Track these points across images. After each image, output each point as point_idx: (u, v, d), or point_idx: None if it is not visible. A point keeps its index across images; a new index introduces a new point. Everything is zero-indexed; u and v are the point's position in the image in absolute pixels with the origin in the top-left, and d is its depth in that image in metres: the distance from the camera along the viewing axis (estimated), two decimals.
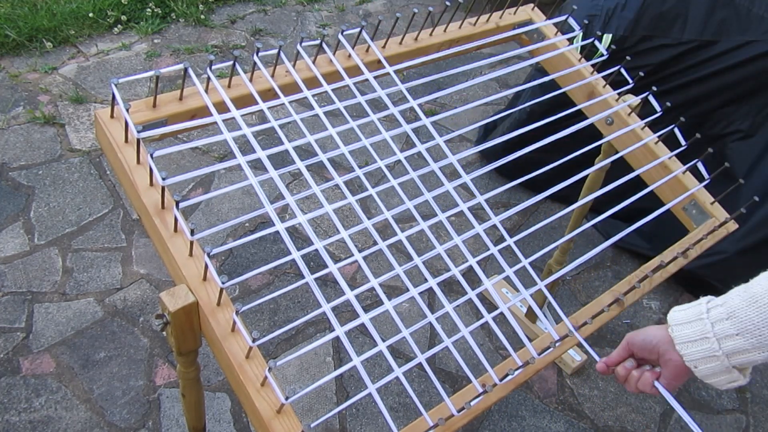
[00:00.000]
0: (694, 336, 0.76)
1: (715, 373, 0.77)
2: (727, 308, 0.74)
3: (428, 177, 0.96)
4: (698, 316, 0.76)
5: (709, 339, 0.75)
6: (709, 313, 0.75)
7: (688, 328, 0.77)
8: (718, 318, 0.75)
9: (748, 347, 0.72)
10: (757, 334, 0.71)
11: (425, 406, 0.81)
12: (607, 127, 1.26)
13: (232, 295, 1.86)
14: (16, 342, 1.66)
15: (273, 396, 0.75)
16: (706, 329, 0.75)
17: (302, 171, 0.90)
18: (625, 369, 0.86)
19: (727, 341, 0.74)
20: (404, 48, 1.14)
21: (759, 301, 0.71)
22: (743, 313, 0.72)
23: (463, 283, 0.93)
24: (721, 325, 0.74)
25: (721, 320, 0.74)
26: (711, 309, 0.76)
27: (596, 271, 2.10)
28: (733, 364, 0.75)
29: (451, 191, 1.00)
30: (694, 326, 0.76)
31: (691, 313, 0.77)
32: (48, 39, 2.61)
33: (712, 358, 0.75)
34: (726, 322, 0.74)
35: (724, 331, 0.74)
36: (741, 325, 0.73)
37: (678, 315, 0.79)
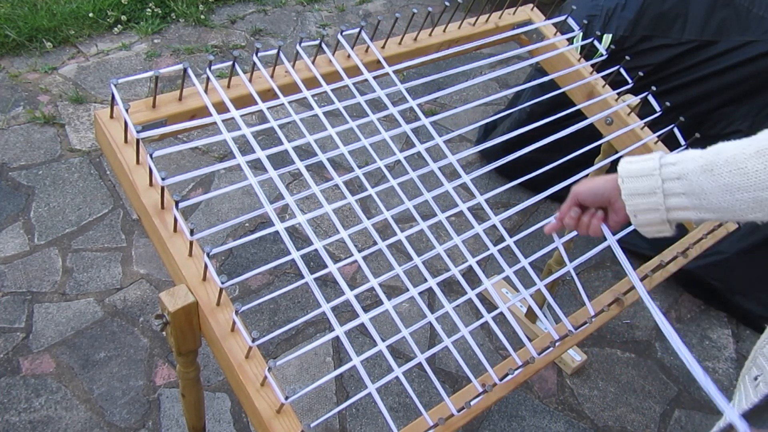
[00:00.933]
0: (643, 190, 0.80)
1: (651, 224, 0.82)
2: (680, 169, 0.77)
3: (428, 177, 0.96)
4: (650, 172, 0.80)
5: (656, 194, 0.79)
6: (662, 170, 0.78)
7: (638, 182, 0.80)
8: (669, 177, 0.78)
9: (689, 206, 0.77)
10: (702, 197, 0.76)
11: (425, 406, 0.81)
12: (607, 126, 1.26)
13: (232, 295, 1.86)
14: (16, 342, 1.66)
15: (273, 396, 0.75)
16: (657, 185, 0.79)
17: (302, 171, 0.90)
18: (572, 218, 0.90)
19: (672, 198, 0.78)
20: (404, 48, 1.14)
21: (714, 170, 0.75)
22: (694, 177, 0.76)
23: (462, 283, 0.93)
24: (671, 183, 0.78)
25: (672, 179, 0.78)
26: (664, 166, 0.79)
27: (596, 271, 2.10)
28: (669, 218, 0.80)
29: (451, 191, 1.00)
30: (645, 181, 0.80)
31: (644, 167, 0.80)
32: (48, 39, 2.61)
33: (654, 211, 0.80)
34: (676, 182, 0.77)
35: (672, 189, 0.78)
36: (689, 188, 0.77)
37: (629, 167, 0.82)
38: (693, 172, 0.76)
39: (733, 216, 0.76)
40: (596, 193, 0.87)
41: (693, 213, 0.77)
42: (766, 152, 0.72)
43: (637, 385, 1.81)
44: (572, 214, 0.90)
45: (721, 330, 1.99)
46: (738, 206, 0.74)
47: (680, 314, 2.02)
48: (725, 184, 0.74)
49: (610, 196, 0.86)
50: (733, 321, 2.01)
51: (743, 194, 0.73)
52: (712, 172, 0.75)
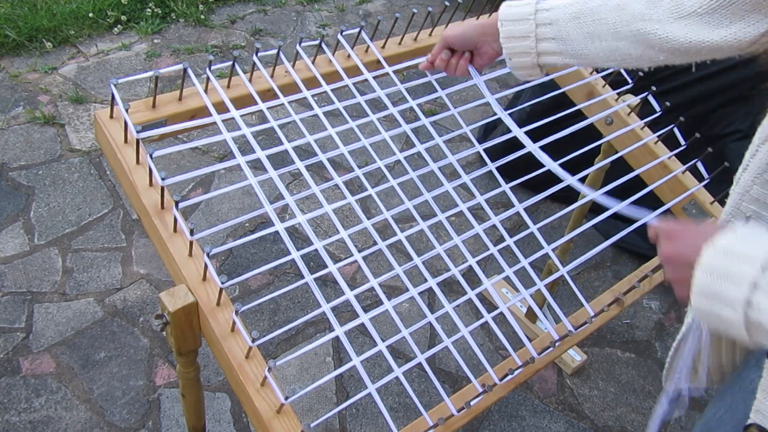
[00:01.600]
0: (518, 33, 0.87)
1: (523, 66, 0.90)
2: (552, 15, 0.85)
3: (428, 177, 0.96)
4: (526, 16, 0.87)
5: (530, 38, 0.86)
6: (536, 16, 0.86)
7: (515, 25, 0.88)
8: (542, 22, 0.85)
9: (557, 51, 0.85)
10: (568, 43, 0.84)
11: (425, 406, 0.81)
12: (607, 126, 1.26)
13: (232, 295, 1.86)
14: (16, 342, 1.66)
15: (273, 396, 0.75)
16: (530, 30, 0.86)
17: (302, 171, 0.90)
18: (442, 60, 1.00)
19: (543, 43, 0.86)
20: (404, 48, 1.14)
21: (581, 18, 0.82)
22: (563, 24, 0.84)
23: (462, 283, 0.93)
24: (543, 28, 0.85)
25: (545, 24, 0.85)
26: (539, 12, 0.86)
27: (596, 271, 2.10)
28: (540, 63, 0.88)
29: (451, 191, 1.00)
30: (521, 25, 0.87)
31: (522, 12, 0.87)
32: (48, 39, 2.61)
33: (526, 54, 0.88)
34: (548, 27, 0.85)
35: (544, 34, 0.85)
36: (558, 33, 0.84)
37: (508, 11, 0.89)
38: (563, 19, 0.84)
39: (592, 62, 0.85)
40: (464, 38, 0.96)
41: (559, 58, 0.86)
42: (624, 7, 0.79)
43: (637, 385, 1.81)
44: (443, 56, 1.00)
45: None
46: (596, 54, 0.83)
47: (680, 314, 2.02)
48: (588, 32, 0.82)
49: (477, 41, 0.95)
50: None
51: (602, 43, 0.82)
52: (578, 20, 0.83)
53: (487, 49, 0.95)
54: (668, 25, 0.76)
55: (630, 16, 0.78)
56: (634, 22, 0.78)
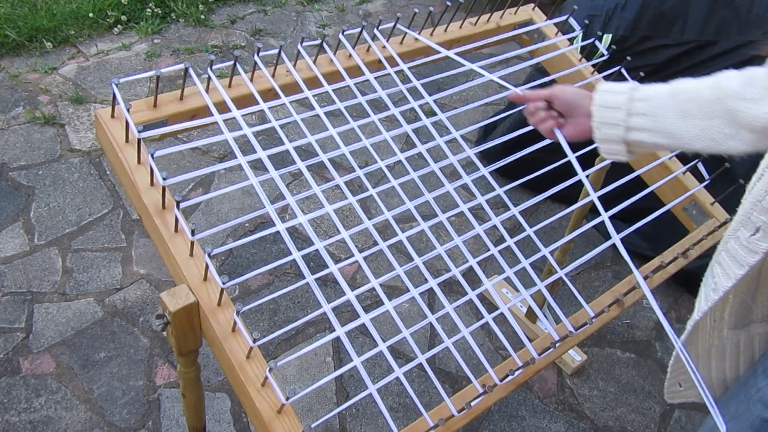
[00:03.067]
0: (612, 104, 0.86)
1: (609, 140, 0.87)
2: (650, 92, 0.84)
3: (429, 177, 0.96)
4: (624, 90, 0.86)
5: (622, 110, 0.84)
6: (634, 92, 0.85)
7: (611, 96, 0.86)
8: (638, 98, 0.84)
9: (647, 127, 0.83)
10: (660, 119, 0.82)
11: (425, 407, 0.81)
12: None
13: (233, 295, 1.86)
14: (16, 342, 1.66)
15: (273, 396, 0.75)
16: (624, 101, 0.84)
17: (303, 171, 0.90)
18: (536, 107, 0.97)
19: (635, 117, 0.84)
20: (405, 48, 1.14)
21: (677, 96, 0.81)
22: (659, 101, 0.82)
23: (463, 284, 0.93)
24: (639, 104, 0.84)
25: (641, 100, 0.83)
26: (637, 89, 0.85)
27: (596, 271, 2.10)
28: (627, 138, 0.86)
29: (452, 192, 1.00)
30: (616, 96, 0.86)
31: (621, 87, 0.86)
32: (48, 39, 2.61)
33: (616, 126, 0.86)
34: (643, 103, 0.83)
35: (638, 108, 0.84)
36: (651, 109, 0.83)
37: (608, 85, 0.88)
38: (659, 95, 0.82)
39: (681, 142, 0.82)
40: (570, 100, 0.93)
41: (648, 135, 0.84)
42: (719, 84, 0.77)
43: (637, 385, 1.81)
44: (539, 104, 0.96)
45: None
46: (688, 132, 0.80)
47: (680, 314, 2.02)
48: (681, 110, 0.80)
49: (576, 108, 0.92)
50: None
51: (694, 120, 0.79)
52: (674, 98, 0.81)
53: (582, 120, 0.91)
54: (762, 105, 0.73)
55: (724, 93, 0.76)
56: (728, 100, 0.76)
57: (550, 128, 0.95)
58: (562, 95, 0.93)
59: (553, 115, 0.95)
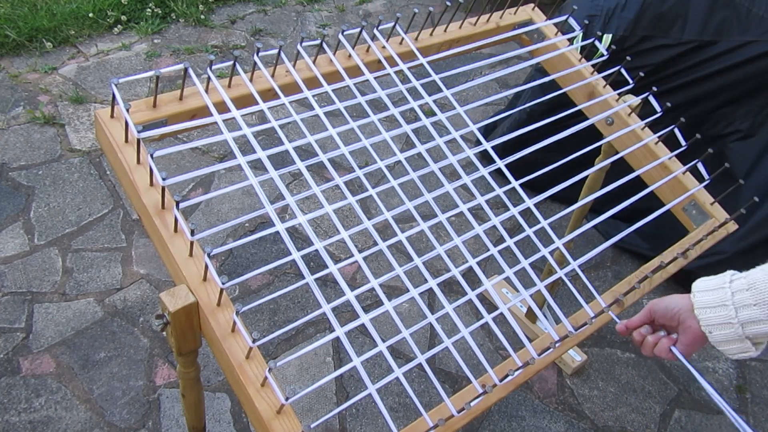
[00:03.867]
0: (713, 303, 0.81)
1: (728, 340, 0.80)
2: (749, 280, 0.78)
3: (428, 177, 0.96)
4: (720, 285, 0.81)
5: (727, 306, 0.79)
6: (732, 284, 0.79)
7: (709, 295, 0.81)
8: (738, 288, 0.79)
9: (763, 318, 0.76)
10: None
11: (425, 407, 0.81)
12: (608, 127, 1.26)
13: (232, 295, 1.86)
14: (16, 342, 1.66)
15: (273, 396, 0.75)
16: (726, 297, 0.79)
17: (302, 171, 0.90)
18: (640, 334, 0.91)
19: (744, 310, 0.78)
20: (404, 48, 1.14)
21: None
22: (763, 286, 0.77)
23: (463, 284, 0.93)
24: (741, 294, 0.78)
25: (742, 290, 0.78)
26: (734, 280, 0.80)
27: (596, 271, 2.10)
28: (747, 334, 0.79)
29: (451, 192, 1.00)
30: (715, 294, 0.81)
31: (715, 282, 0.82)
32: (48, 39, 2.61)
33: (728, 325, 0.79)
34: (746, 293, 0.78)
35: (743, 300, 0.78)
36: (759, 297, 0.77)
37: (702, 283, 0.83)
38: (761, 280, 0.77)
39: None
40: (669, 308, 0.87)
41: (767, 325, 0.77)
42: None
43: (637, 385, 1.81)
44: (643, 331, 0.91)
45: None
46: None
47: None
48: None
49: (680, 313, 0.86)
50: None
51: None
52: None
53: (691, 324, 0.84)
54: None
55: None
56: None
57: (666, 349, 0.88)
58: (659, 308, 0.88)
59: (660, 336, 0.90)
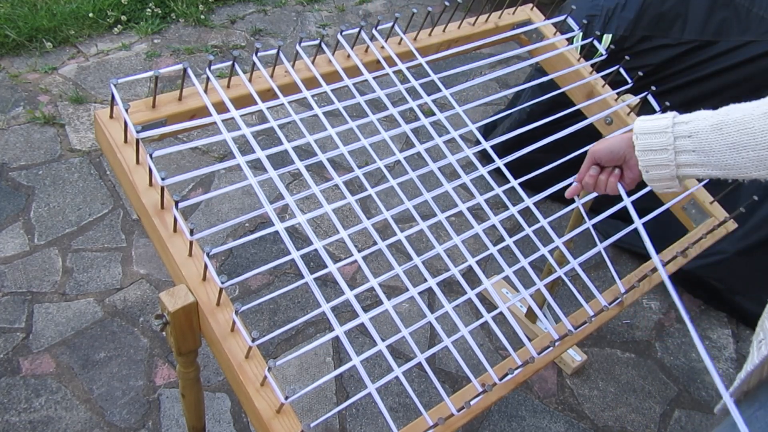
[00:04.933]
0: (656, 146, 0.85)
1: (661, 179, 0.86)
2: (692, 127, 0.82)
3: (428, 177, 0.96)
4: (664, 129, 0.84)
5: (668, 150, 0.83)
6: (674, 128, 0.83)
7: (651, 138, 0.85)
8: (680, 134, 0.82)
9: (698, 163, 0.82)
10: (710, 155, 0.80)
11: (425, 406, 0.81)
12: (607, 126, 1.26)
13: (232, 295, 1.86)
14: (16, 342, 1.66)
15: (273, 396, 0.75)
16: (668, 142, 0.83)
17: (302, 171, 0.90)
18: (591, 177, 0.95)
19: (683, 155, 0.83)
20: (403, 48, 1.14)
21: (723, 129, 0.79)
22: (704, 135, 0.80)
23: (462, 283, 0.93)
24: (682, 141, 0.82)
25: (683, 137, 0.82)
26: (677, 124, 0.83)
27: (596, 271, 2.10)
28: (679, 175, 0.85)
29: (451, 191, 1.00)
30: (657, 137, 0.84)
31: (658, 125, 0.85)
32: (48, 39, 2.61)
33: (664, 167, 0.85)
34: (687, 139, 0.82)
35: (684, 146, 0.82)
36: (699, 145, 0.81)
37: (644, 124, 0.86)
38: (703, 130, 0.80)
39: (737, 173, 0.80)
40: (612, 151, 0.91)
41: (701, 170, 0.82)
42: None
43: (637, 385, 1.81)
44: (591, 173, 0.94)
45: (721, 330, 1.99)
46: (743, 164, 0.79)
47: (680, 314, 2.02)
48: (732, 142, 0.78)
49: (625, 154, 0.90)
50: (733, 321, 2.01)
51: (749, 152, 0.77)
52: (721, 130, 0.79)
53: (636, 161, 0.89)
54: None
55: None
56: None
57: (614, 185, 0.93)
58: (600, 148, 0.92)
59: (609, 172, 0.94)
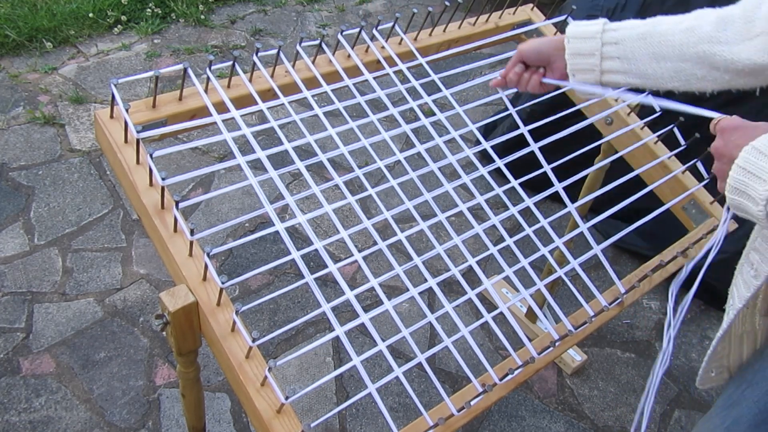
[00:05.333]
0: (584, 51, 0.88)
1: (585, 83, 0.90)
2: (619, 35, 0.85)
3: (428, 177, 0.96)
4: (593, 35, 0.87)
5: (595, 56, 0.87)
6: (603, 35, 0.86)
7: (581, 43, 0.88)
8: (608, 41, 0.86)
9: (621, 70, 0.86)
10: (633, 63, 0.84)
11: (425, 406, 0.81)
12: (607, 126, 1.26)
13: (232, 295, 1.86)
14: (16, 342, 1.66)
15: (273, 396, 0.75)
16: (596, 47, 0.87)
17: (302, 171, 0.90)
18: (516, 74, 0.98)
19: (607, 61, 0.86)
20: (404, 48, 1.14)
21: (647, 39, 0.83)
22: (630, 44, 0.84)
23: (462, 283, 0.93)
24: (609, 47, 0.86)
25: (611, 43, 0.85)
26: (606, 32, 0.86)
27: (596, 271, 2.10)
28: (603, 80, 0.88)
29: (451, 191, 1.00)
30: (587, 42, 0.87)
31: (588, 31, 0.88)
32: (48, 39, 2.61)
33: (590, 71, 0.88)
34: (613, 46, 0.85)
35: (610, 52, 0.86)
36: (623, 52, 0.85)
37: (575, 29, 0.89)
38: (629, 38, 0.85)
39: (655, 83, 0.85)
40: (539, 51, 0.95)
41: (623, 77, 0.86)
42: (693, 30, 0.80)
43: (637, 385, 1.81)
44: (516, 70, 0.98)
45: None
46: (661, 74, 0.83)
47: None
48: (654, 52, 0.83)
49: (550, 55, 0.94)
50: None
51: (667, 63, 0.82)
52: (645, 40, 0.84)
53: (560, 64, 0.93)
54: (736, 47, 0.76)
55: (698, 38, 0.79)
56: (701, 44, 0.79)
57: (538, 82, 0.97)
58: (528, 48, 0.96)
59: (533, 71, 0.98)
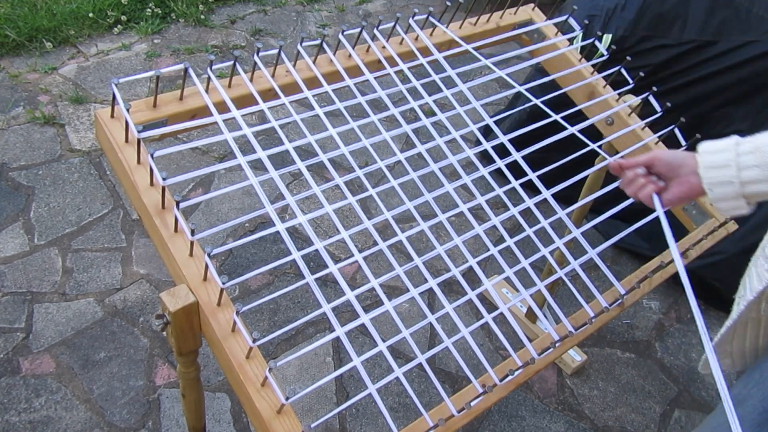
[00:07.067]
0: (718, 163, 0.84)
1: (727, 198, 0.84)
2: (755, 144, 0.81)
3: (428, 177, 0.96)
4: (726, 147, 0.84)
5: (731, 167, 0.82)
6: (738, 146, 0.82)
7: (715, 156, 0.84)
8: (744, 151, 0.82)
9: (763, 179, 0.80)
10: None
11: (425, 407, 0.81)
12: (608, 127, 1.26)
13: (232, 295, 1.86)
14: (16, 342, 1.66)
15: (273, 396, 0.75)
16: (731, 158, 0.82)
17: (302, 171, 0.90)
18: (635, 174, 0.93)
19: (747, 171, 0.81)
20: (405, 48, 1.14)
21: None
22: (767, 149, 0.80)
23: (463, 284, 0.93)
24: (746, 157, 0.81)
25: (747, 153, 0.81)
26: (740, 143, 0.83)
27: (596, 271, 2.10)
28: (744, 192, 0.83)
29: (451, 192, 1.00)
30: (721, 155, 0.84)
31: (722, 145, 0.84)
32: (48, 39, 2.61)
33: (729, 184, 0.83)
34: (750, 155, 0.81)
35: (747, 162, 0.81)
36: (762, 159, 0.80)
37: (709, 145, 0.86)
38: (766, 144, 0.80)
39: None
40: (670, 163, 0.90)
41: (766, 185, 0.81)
42: None
43: (637, 385, 1.81)
44: (638, 170, 0.93)
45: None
46: None
47: (680, 314, 2.02)
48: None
49: (682, 167, 0.89)
50: None
51: None
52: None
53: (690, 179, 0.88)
54: None
55: None
56: None
57: (649, 194, 0.91)
58: (663, 157, 0.91)
59: (652, 180, 0.92)
